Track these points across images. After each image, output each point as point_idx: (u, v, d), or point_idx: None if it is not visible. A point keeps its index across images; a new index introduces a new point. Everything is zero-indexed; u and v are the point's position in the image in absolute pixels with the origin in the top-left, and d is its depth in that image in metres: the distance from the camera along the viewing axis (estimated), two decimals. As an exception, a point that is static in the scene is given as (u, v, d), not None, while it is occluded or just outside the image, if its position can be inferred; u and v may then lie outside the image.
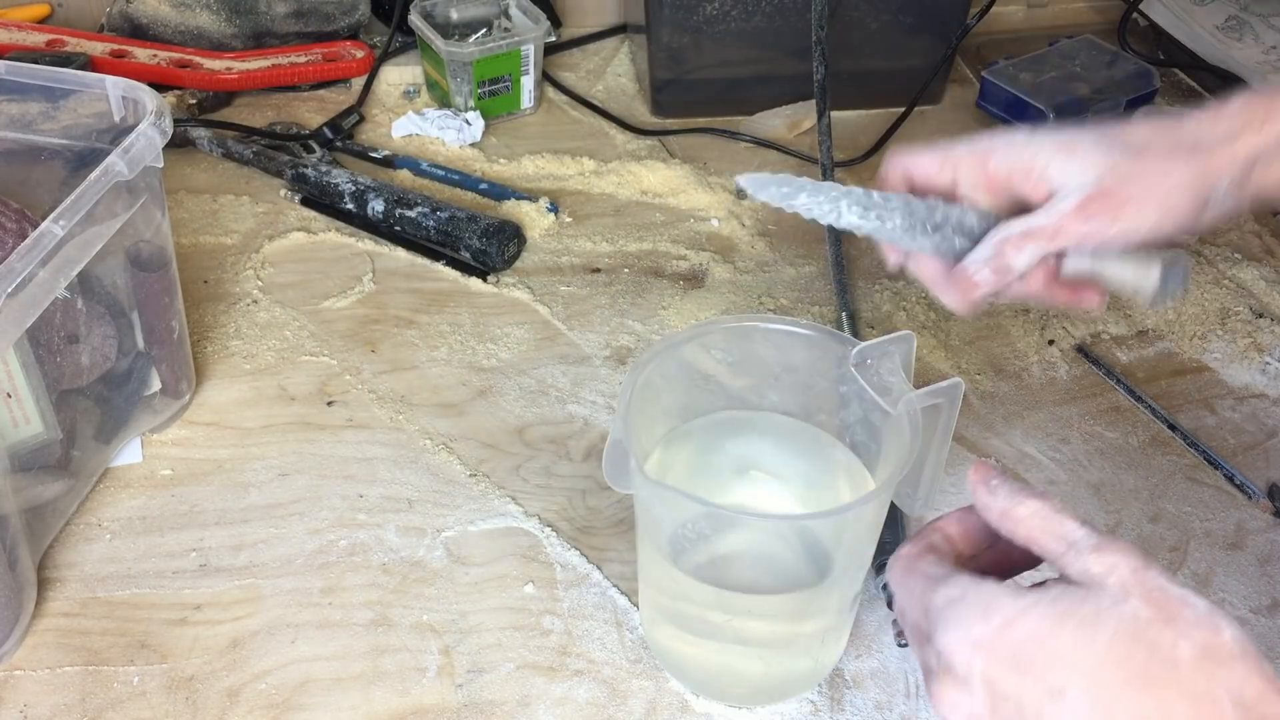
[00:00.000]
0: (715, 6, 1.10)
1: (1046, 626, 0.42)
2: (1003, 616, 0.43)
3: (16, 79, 0.75)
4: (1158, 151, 0.56)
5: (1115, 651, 0.41)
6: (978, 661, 0.43)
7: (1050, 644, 0.42)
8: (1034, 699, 0.42)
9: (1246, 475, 0.81)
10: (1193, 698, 0.40)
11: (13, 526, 0.67)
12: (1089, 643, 0.41)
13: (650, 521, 0.62)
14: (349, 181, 1.01)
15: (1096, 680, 0.41)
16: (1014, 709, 0.43)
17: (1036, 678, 0.42)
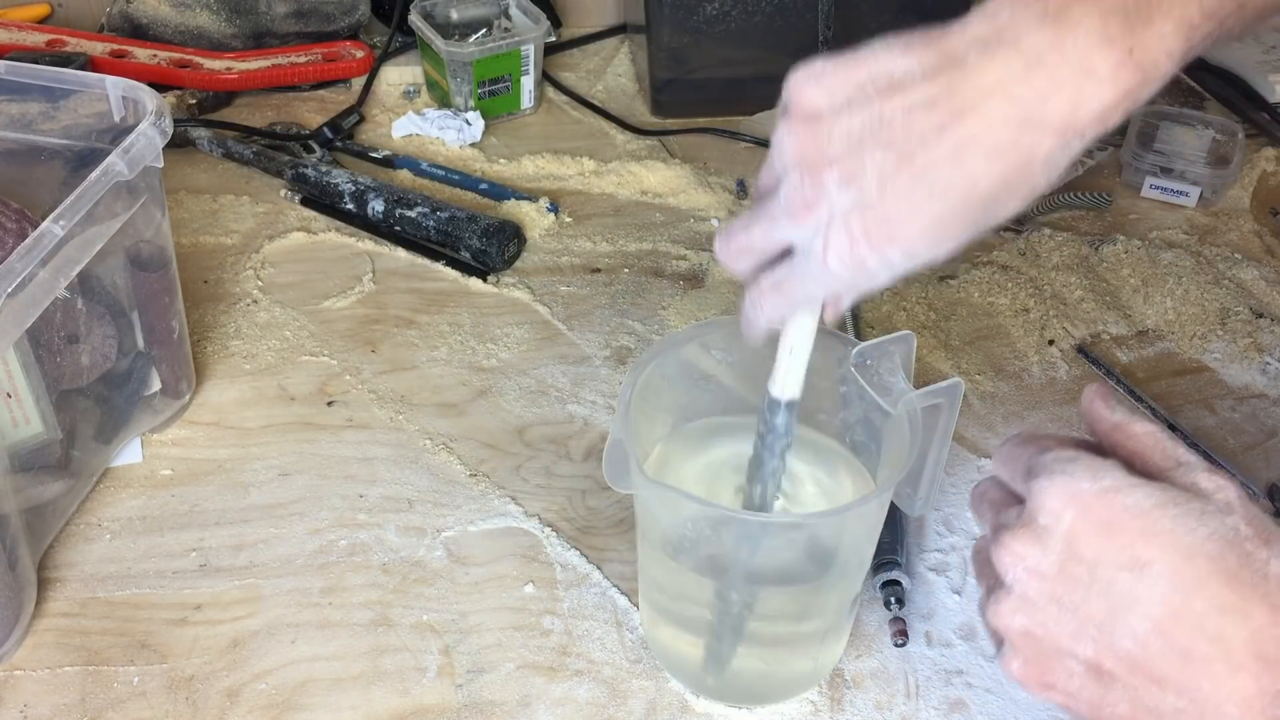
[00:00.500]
0: (715, 6, 1.10)
1: (1151, 504, 0.43)
2: (1112, 481, 0.44)
3: (16, 79, 0.75)
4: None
5: (1211, 545, 0.42)
6: (1069, 515, 0.43)
7: (1149, 519, 0.42)
8: (1113, 565, 0.42)
9: (1246, 475, 0.81)
10: (1273, 609, 0.41)
11: (13, 526, 0.67)
12: (1188, 531, 0.42)
13: (650, 521, 0.62)
14: (349, 181, 1.01)
15: (1186, 563, 0.41)
16: (1086, 572, 0.43)
17: (1124, 545, 0.42)
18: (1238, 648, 0.41)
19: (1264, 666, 0.40)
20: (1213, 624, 0.41)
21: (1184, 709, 0.42)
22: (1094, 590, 0.43)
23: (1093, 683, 0.44)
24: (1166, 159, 1.07)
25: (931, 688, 0.68)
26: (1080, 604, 0.43)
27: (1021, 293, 0.95)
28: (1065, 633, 0.44)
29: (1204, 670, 0.41)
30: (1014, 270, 0.98)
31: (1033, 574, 0.44)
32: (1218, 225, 1.04)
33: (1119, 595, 0.43)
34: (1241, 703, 0.41)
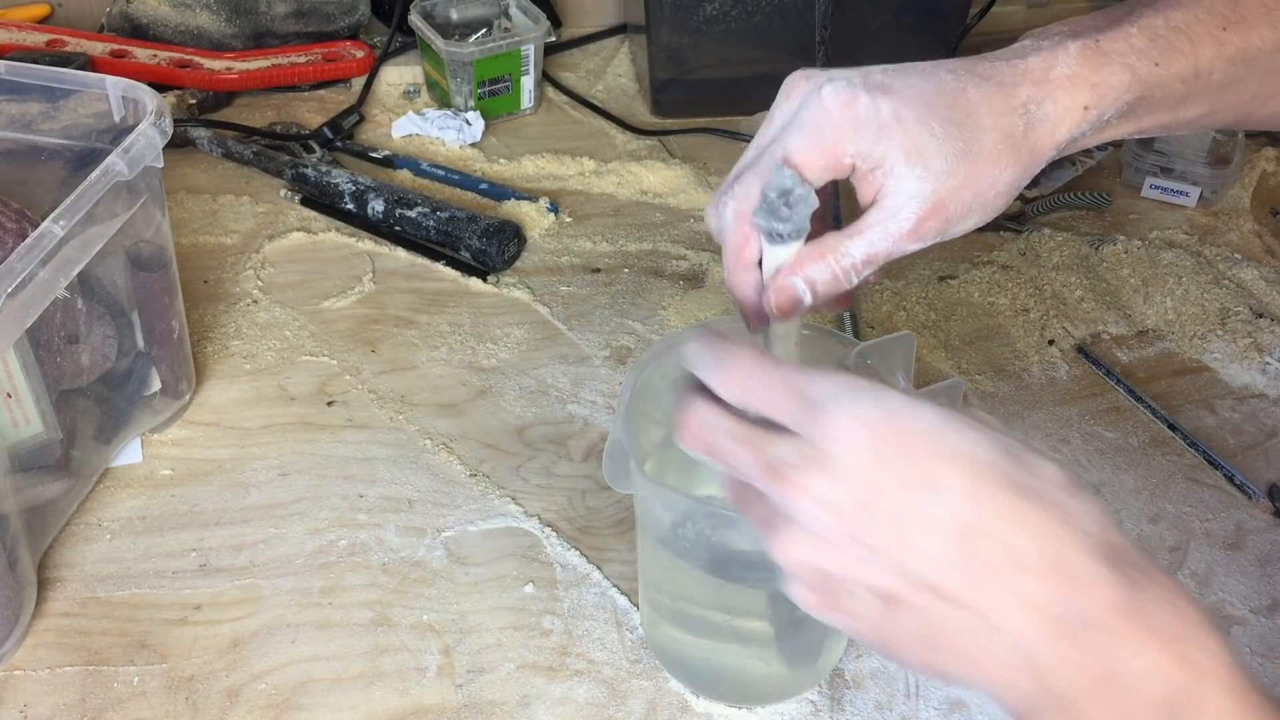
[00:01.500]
0: (715, 6, 1.10)
1: (939, 420, 0.43)
2: (899, 403, 0.43)
3: (16, 79, 0.75)
4: (993, 149, 0.54)
5: (995, 455, 0.42)
6: (860, 442, 0.43)
7: (937, 436, 0.42)
8: (910, 486, 0.42)
9: (1246, 475, 0.81)
10: (1056, 513, 0.41)
11: (13, 526, 0.67)
12: (973, 444, 0.42)
13: (650, 521, 0.62)
14: (349, 181, 1.01)
15: (976, 477, 0.42)
16: (878, 499, 0.42)
17: (920, 465, 0.42)
18: (1027, 554, 0.41)
19: (1051, 569, 0.40)
20: (1002, 534, 0.41)
21: (974, 623, 0.41)
22: (886, 515, 0.42)
23: (881, 608, 0.43)
24: (1166, 159, 1.07)
25: (931, 688, 0.68)
26: (872, 532, 0.43)
27: (1021, 293, 0.96)
28: (856, 563, 0.43)
29: (995, 581, 0.41)
30: (1014, 270, 0.98)
31: (821, 506, 0.43)
32: (1218, 225, 1.04)
33: (912, 518, 0.42)
34: (1030, 608, 0.40)
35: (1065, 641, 0.40)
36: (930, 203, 0.53)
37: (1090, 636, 0.40)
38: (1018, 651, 0.41)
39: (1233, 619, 0.72)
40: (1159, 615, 0.40)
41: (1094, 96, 0.54)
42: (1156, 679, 0.39)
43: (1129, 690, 0.39)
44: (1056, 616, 0.40)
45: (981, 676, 0.42)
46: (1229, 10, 0.57)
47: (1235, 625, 0.72)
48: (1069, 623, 0.40)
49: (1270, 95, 0.59)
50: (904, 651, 0.44)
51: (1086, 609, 0.40)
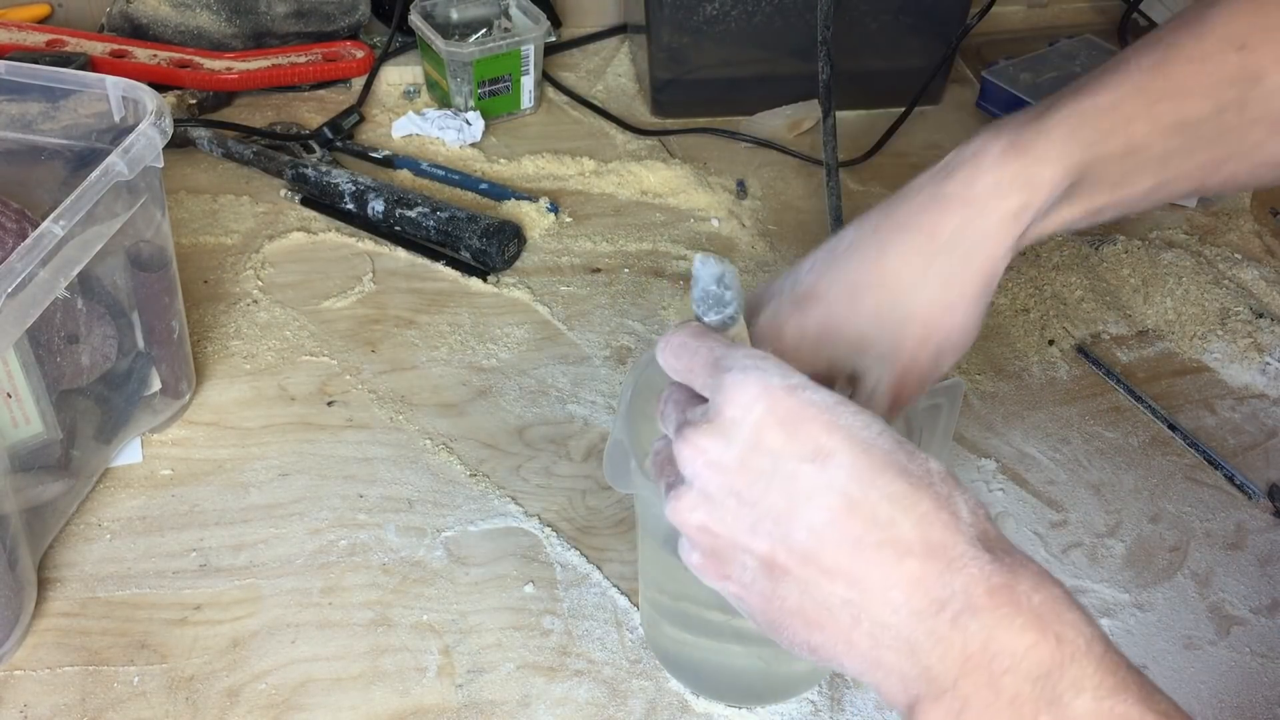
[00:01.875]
0: (715, 6, 1.10)
1: (833, 401, 0.44)
2: (799, 380, 0.44)
3: (16, 79, 0.75)
4: (938, 302, 0.55)
5: (884, 440, 0.43)
6: (758, 408, 0.44)
7: (833, 413, 0.44)
8: (796, 456, 0.43)
9: (1246, 475, 0.81)
10: (936, 498, 0.42)
11: (13, 526, 0.67)
12: (865, 426, 0.43)
13: (651, 521, 0.62)
14: (349, 181, 1.01)
15: (864, 455, 0.43)
16: (768, 464, 0.43)
17: (808, 436, 0.43)
18: (906, 533, 0.42)
19: (928, 550, 0.41)
20: (885, 512, 0.42)
21: (852, 599, 0.42)
22: (774, 483, 0.43)
23: (764, 577, 0.44)
24: (1166, 159, 1.07)
25: (931, 688, 0.67)
26: (759, 498, 0.44)
27: (1021, 293, 0.96)
28: (742, 527, 0.44)
29: (874, 557, 0.42)
30: (1014, 270, 0.98)
31: (713, 467, 0.44)
32: (1218, 225, 1.04)
33: (799, 487, 0.43)
34: (907, 586, 0.41)
35: (942, 620, 0.41)
36: (894, 383, 0.55)
37: (966, 615, 0.41)
38: (893, 630, 0.42)
39: (1233, 619, 0.72)
40: (1030, 596, 0.41)
41: (1023, 198, 0.55)
42: (1030, 656, 0.40)
43: (1005, 667, 0.40)
44: (933, 595, 0.41)
45: (858, 657, 0.43)
46: (1160, 83, 0.56)
47: (1235, 625, 0.72)
48: (945, 601, 0.41)
49: (1221, 160, 0.57)
50: (787, 628, 0.45)
51: (962, 589, 0.41)
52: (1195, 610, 0.73)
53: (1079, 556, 0.76)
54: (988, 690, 0.40)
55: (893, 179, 1.09)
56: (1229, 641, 0.71)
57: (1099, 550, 0.76)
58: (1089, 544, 0.77)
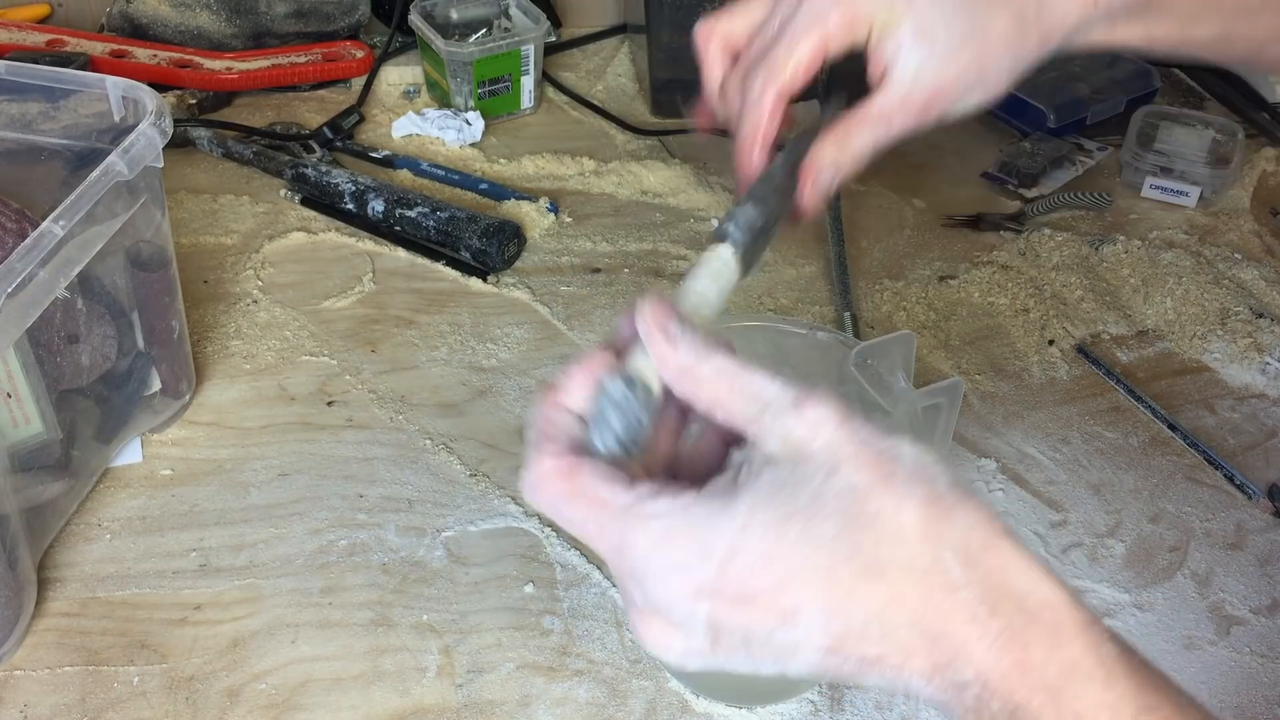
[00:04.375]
0: (715, 7, 1.10)
1: (770, 542, 0.39)
2: (725, 547, 0.39)
3: (16, 79, 0.75)
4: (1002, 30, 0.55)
5: (842, 545, 0.38)
6: (702, 608, 0.39)
7: (777, 562, 0.39)
8: (765, 627, 0.39)
9: (1246, 475, 0.81)
10: (920, 574, 0.38)
11: (13, 526, 0.67)
12: (816, 546, 0.39)
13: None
14: (349, 181, 1.01)
15: (829, 585, 0.39)
16: (740, 640, 0.40)
17: (767, 605, 0.39)
18: (904, 638, 0.39)
19: (931, 642, 0.38)
20: (875, 630, 0.39)
21: (886, 675, 0.39)
22: (756, 653, 0.40)
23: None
24: (1166, 159, 1.07)
25: (931, 688, 0.67)
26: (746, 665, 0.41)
27: (1021, 293, 0.96)
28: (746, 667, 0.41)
29: (885, 668, 0.39)
30: (1014, 270, 0.98)
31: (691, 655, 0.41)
32: (1218, 225, 1.04)
33: (781, 649, 0.40)
34: (924, 679, 0.39)
35: (967, 696, 0.39)
36: (932, 86, 0.55)
37: (986, 696, 0.38)
38: (927, 696, 0.40)
39: (1233, 619, 0.72)
40: (1043, 668, 0.38)
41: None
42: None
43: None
44: (951, 681, 0.39)
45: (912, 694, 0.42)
46: None
47: (1235, 625, 0.72)
48: (965, 685, 0.39)
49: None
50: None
51: (975, 677, 0.38)
52: (1195, 610, 0.73)
53: (1079, 556, 0.76)
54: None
55: (893, 179, 1.09)
56: (1229, 641, 0.71)
57: (1099, 550, 0.76)
58: (1089, 544, 0.77)
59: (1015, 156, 1.09)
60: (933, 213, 1.05)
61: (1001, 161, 1.10)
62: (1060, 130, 1.13)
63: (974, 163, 1.11)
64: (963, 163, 1.11)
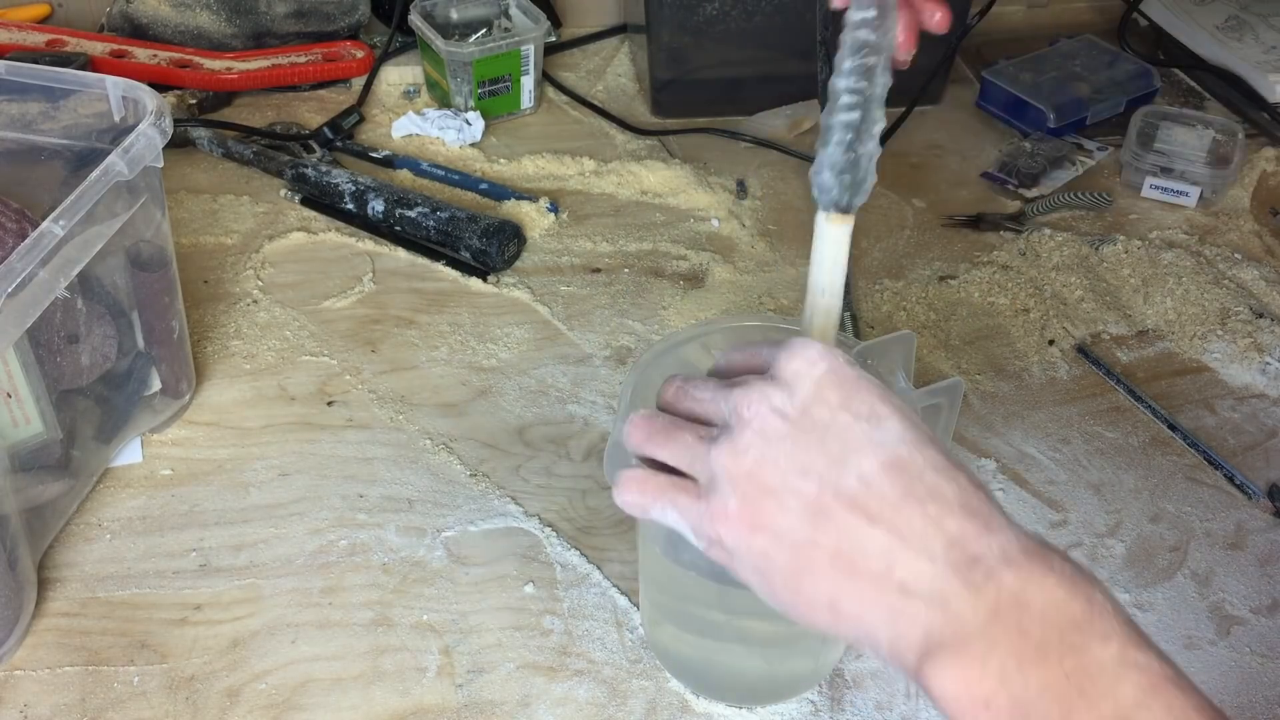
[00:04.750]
0: (715, 6, 1.10)
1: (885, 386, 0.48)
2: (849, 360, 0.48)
3: (16, 79, 0.75)
4: None
5: (928, 427, 0.47)
6: (822, 365, 0.47)
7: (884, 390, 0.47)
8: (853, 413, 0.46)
9: (1246, 475, 0.81)
10: (972, 477, 0.46)
11: (13, 526, 0.67)
12: (911, 409, 0.47)
13: (651, 521, 0.62)
14: (349, 181, 1.01)
15: (914, 426, 0.46)
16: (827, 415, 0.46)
17: (864, 401, 0.46)
18: (949, 495, 0.45)
19: (969, 512, 0.44)
20: (930, 475, 0.45)
21: (890, 548, 0.44)
22: (830, 433, 0.46)
23: (805, 521, 0.46)
24: (1166, 159, 1.07)
25: (931, 688, 0.67)
26: (814, 444, 0.46)
27: (1021, 293, 0.96)
28: (794, 469, 0.46)
29: (918, 510, 0.44)
30: (1014, 270, 0.98)
31: (775, 412, 0.47)
32: (1218, 225, 1.04)
33: (853, 438, 0.46)
34: (947, 539, 0.44)
35: (977, 572, 0.43)
36: None
37: (1001, 569, 0.43)
38: (927, 579, 0.43)
39: (1233, 619, 0.72)
40: (1063, 563, 0.43)
41: None
42: (1062, 609, 0.42)
43: (1035, 617, 0.42)
44: (970, 551, 0.43)
45: (881, 608, 0.44)
46: None
47: (1235, 625, 0.72)
48: (981, 557, 0.43)
49: None
50: (810, 581, 0.46)
51: (999, 548, 0.43)
52: (1195, 610, 0.73)
53: (1079, 556, 0.76)
54: (1016, 635, 0.42)
55: (893, 179, 1.09)
56: (1229, 641, 0.71)
57: (1099, 550, 0.76)
58: (1089, 544, 0.77)
59: (1015, 156, 1.09)
60: (933, 213, 1.05)
61: (1001, 161, 1.10)
62: (1060, 130, 1.13)
63: (974, 163, 1.11)
64: (963, 163, 1.11)
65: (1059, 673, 0.41)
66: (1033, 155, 1.09)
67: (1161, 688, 0.40)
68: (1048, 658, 0.41)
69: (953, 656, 0.42)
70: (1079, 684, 0.40)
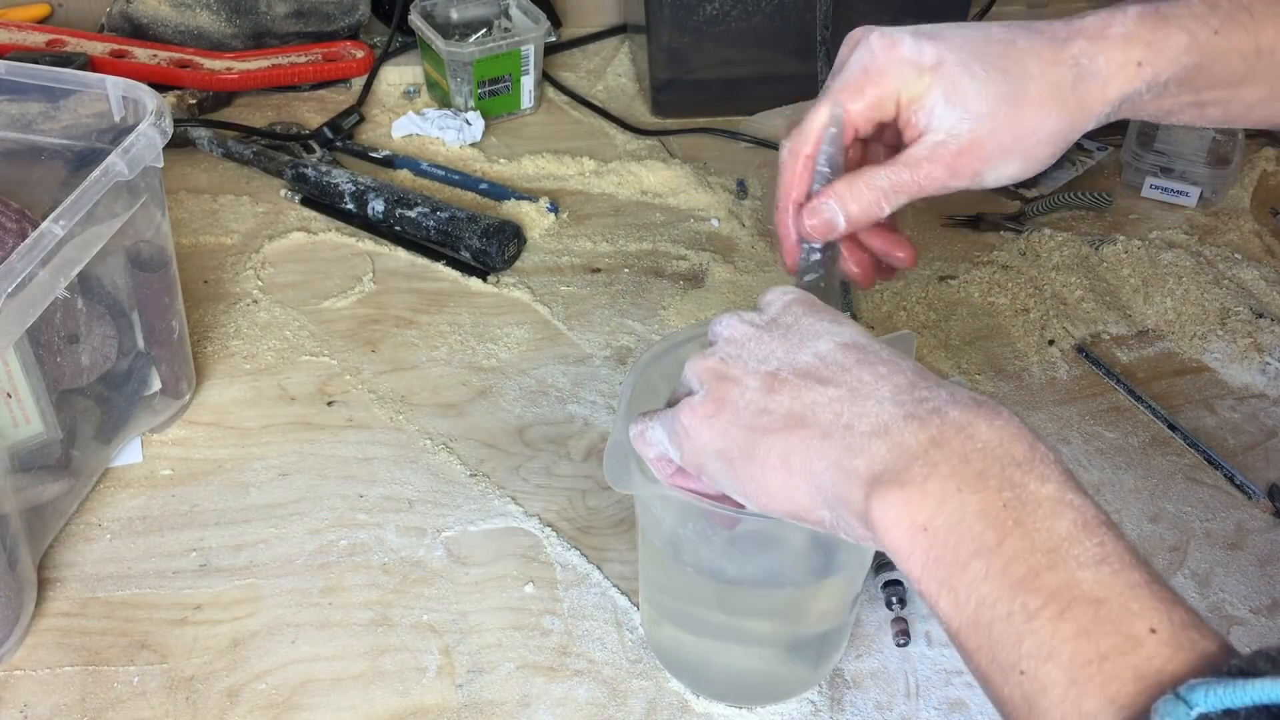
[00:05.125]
0: (715, 6, 1.10)
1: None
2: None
3: (16, 79, 0.75)
4: (1037, 96, 0.56)
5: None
6: (791, 294, 0.53)
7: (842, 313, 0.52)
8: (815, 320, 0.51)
9: (1246, 475, 0.81)
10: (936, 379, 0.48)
11: (13, 526, 0.67)
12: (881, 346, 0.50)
13: (651, 521, 0.62)
14: (349, 181, 1.01)
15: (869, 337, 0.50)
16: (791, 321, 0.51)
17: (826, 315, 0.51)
18: (903, 365, 0.48)
19: (921, 373, 0.47)
20: (885, 356, 0.48)
21: (839, 397, 0.47)
22: (794, 330, 0.50)
23: (761, 394, 0.48)
24: (1166, 159, 1.07)
25: (931, 688, 0.68)
26: (778, 338, 0.50)
27: (1021, 293, 0.96)
28: (755, 357, 0.50)
29: (870, 371, 0.47)
30: (1014, 270, 0.98)
31: (745, 322, 0.51)
32: (1218, 225, 1.04)
33: (815, 330, 0.50)
34: (895, 387, 0.46)
35: (924, 408, 0.45)
36: (967, 141, 0.56)
37: (948, 407, 0.45)
38: (872, 417, 0.45)
39: (1233, 619, 0.72)
40: (1010, 414, 0.45)
41: (1149, 54, 0.56)
42: (1004, 446, 0.43)
43: (977, 448, 0.43)
44: (920, 395, 0.46)
45: (827, 458, 0.46)
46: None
47: (1235, 625, 0.72)
48: (929, 399, 0.45)
49: None
50: (761, 446, 0.48)
51: (948, 394, 0.46)
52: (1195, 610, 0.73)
53: (1079, 556, 0.76)
54: (958, 460, 0.43)
55: (893, 179, 1.09)
56: (1229, 641, 0.71)
57: (1099, 550, 0.76)
58: (1089, 544, 0.77)
59: (1015, 156, 1.09)
60: (933, 213, 1.05)
61: (1001, 161, 1.10)
62: (1060, 130, 1.13)
63: (974, 163, 1.11)
64: (963, 163, 1.11)
65: (996, 501, 0.42)
66: (1033, 155, 1.09)
67: (1094, 527, 0.41)
68: (986, 485, 0.42)
69: (894, 485, 0.43)
70: (1015, 514, 0.41)
